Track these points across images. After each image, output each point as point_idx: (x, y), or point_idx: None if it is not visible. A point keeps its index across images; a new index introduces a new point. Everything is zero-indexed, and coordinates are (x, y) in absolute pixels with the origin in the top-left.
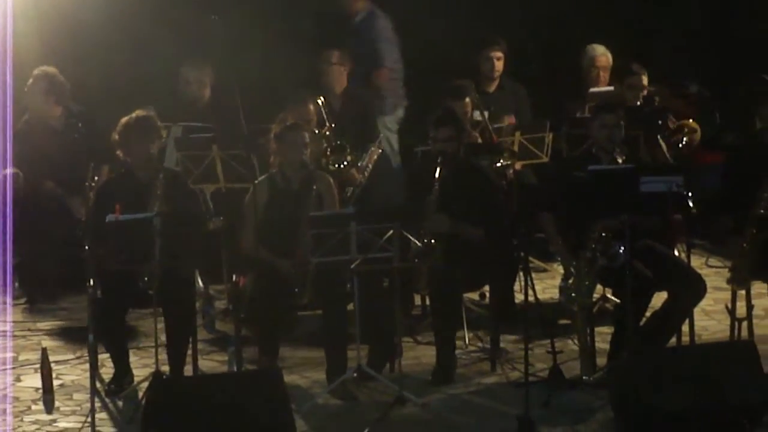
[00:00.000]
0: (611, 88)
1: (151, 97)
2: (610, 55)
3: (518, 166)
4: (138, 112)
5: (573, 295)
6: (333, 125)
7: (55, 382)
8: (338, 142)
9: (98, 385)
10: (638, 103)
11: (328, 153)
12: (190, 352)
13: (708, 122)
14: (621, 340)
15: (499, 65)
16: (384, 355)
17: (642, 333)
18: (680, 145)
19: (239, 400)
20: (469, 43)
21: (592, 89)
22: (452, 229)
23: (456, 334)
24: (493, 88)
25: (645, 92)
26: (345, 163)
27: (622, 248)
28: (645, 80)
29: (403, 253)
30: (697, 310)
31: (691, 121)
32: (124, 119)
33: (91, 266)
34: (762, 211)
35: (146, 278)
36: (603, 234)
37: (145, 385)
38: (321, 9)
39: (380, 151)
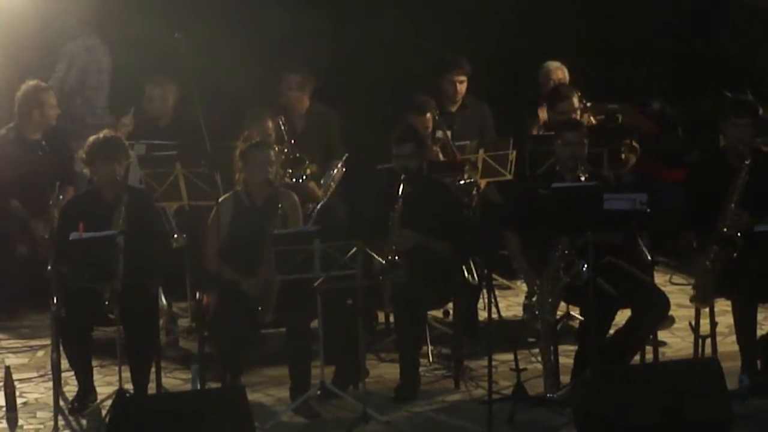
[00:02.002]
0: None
1: (115, 114)
2: (565, 69)
3: (482, 183)
4: (105, 132)
5: (537, 312)
6: (292, 141)
7: (19, 400)
8: (297, 155)
9: (62, 403)
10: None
11: (288, 166)
12: (153, 370)
13: (671, 139)
14: (585, 358)
15: (462, 88)
16: (349, 376)
17: (606, 350)
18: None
19: (203, 418)
20: (433, 61)
21: None
22: (419, 244)
23: (420, 352)
24: (455, 107)
25: (578, 112)
26: (305, 176)
27: (585, 266)
28: (576, 102)
29: (366, 271)
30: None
31: (633, 142)
32: (91, 138)
33: (54, 284)
34: (725, 229)
35: (107, 297)
36: (566, 251)
37: (109, 403)
38: (285, 26)
39: (344, 169)
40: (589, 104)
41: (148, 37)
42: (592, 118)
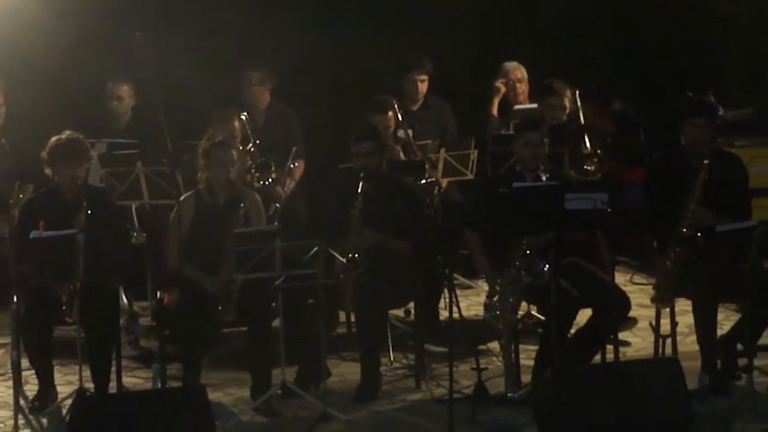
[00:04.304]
0: (535, 105)
1: (77, 113)
2: (523, 69)
3: (444, 183)
4: (68, 133)
5: (498, 312)
6: (258, 142)
7: None
8: (263, 160)
9: (22, 402)
10: (555, 121)
11: (253, 170)
12: (114, 368)
13: (632, 140)
14: (545, 357)
15: (423, 87)
16: (311, 376)
17: (566, 350)
18: (585, 168)
19: (163, 417)
20: (396, 61)
21: (517, 106)
22: (379, 243)
23: (381, 351)
24: (417, 106)
25: (566, 112)
26: (270, 180)
27: (547, 266)
28: (566, 101)
29: (327, 270)
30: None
31: (599, 152)
32: (53, 138)
33: (15, 282)
34: (684, 230)
35: (65, 301)
36: (527, 251)
37: (69, 402)
38: (245, 25)
39: (302, 168)
40: (579, 104)
41: (109, 36)
42: (582, 118)
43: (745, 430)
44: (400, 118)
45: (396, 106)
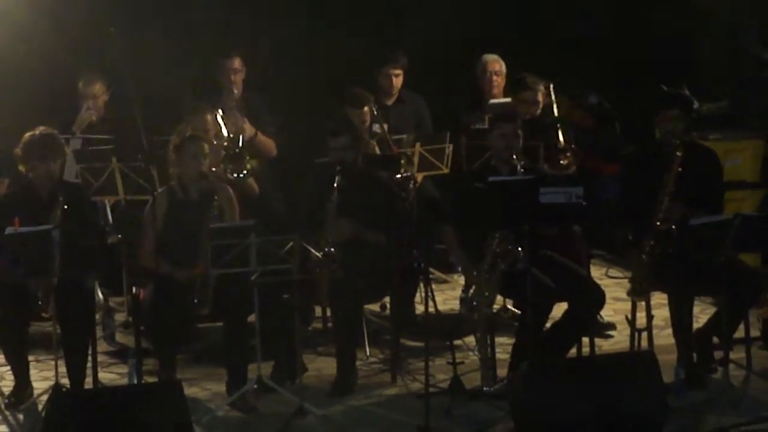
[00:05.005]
0: (510, 100)
1: (52, 109)
2: (501, 62)
3: (419, 177)
4: (42, 129)
5: (474, 304)
6: (231, 135)
7: None
8: (237, 152)
9: None
10: (529, 116)
11: (227, 162)
12: (89, 364)
13: (607, 133)
14: (521, 351)
15: (397, 81)
16: (287, 371)
17: (542, 343)
18: (560, 162)
19: (139, 412)
20: (371, 56)
21: (492, 101)
22: (354, 234)
23: (356, 346)
24: (392, 101)
25: (540, 107)
26: (244, 172)
27: (521, 249)
28: (540, 96)
29: (303, 265)
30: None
31: (573, 146)
32: (27, 135)
33: None
34: (659, 223)
35: (40, 297)
36: (503, 239)
37: (45, 397)
38: (220, 19)
39: (271, 144)
40: (555, 97)
41: (84, 30)
42: (556, 112)
43: (720, 423)
44: (375, 113)
45: (372, 100)
